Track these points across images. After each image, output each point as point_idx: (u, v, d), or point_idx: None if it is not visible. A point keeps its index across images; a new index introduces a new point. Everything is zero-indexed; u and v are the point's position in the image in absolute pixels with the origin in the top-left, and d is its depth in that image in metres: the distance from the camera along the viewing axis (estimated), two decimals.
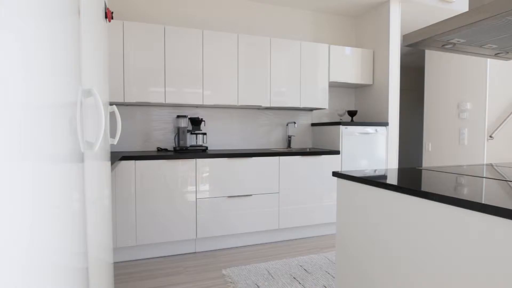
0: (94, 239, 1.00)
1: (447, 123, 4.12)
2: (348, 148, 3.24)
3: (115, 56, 2.68)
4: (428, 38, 1.40)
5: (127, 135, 3.03)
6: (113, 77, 2.69)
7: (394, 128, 3.48)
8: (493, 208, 0.83)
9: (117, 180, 2.47)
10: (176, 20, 3.19)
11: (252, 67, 3.12)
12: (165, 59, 2.82)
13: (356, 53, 3.56)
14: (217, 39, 2.99)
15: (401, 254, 1.14)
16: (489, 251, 0.85)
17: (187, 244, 2.74)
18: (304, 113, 3.73)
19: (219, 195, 2.78)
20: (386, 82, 3.48)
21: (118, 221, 2.49)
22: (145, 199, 2.55)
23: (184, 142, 3.01)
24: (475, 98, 3.78)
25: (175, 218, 2.64)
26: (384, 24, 3.50)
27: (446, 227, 0.97)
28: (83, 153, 0.85)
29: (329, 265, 2.46)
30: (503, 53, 1.68)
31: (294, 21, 3.66)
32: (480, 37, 1.39)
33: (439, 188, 1.07)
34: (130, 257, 2.59)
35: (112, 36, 2.66)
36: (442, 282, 0.98)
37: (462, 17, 1.26)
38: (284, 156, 2.99)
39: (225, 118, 3.38)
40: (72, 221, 0.70)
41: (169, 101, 2.85)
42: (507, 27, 1.27)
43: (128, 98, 2.74)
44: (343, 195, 1.46)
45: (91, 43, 1.00)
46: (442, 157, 4.20)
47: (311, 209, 3.11)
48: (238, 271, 2.35)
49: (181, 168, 2.65)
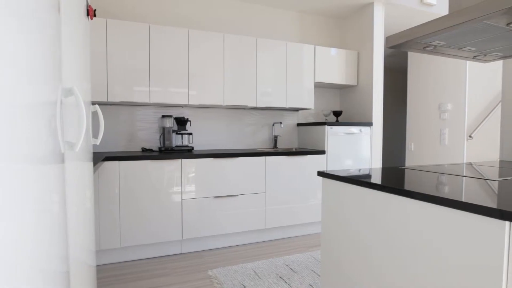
0: (75, 241, 0.98)
1: (429, 124, 4.22)
2: (333, 148, 3.28)
3: (98, 54, 2.62)
4: (410, 40, 1.44)
5: (110, 135, 2.97)
6: (96, 76, 2.63)
7: (378, 128, 3.55)
8: (472, 206, 0.85)
9: (101, 181, 2.42)
10: (161, 19, 3.15)
11: (238, 67, 3.12)
12: (150, 58, 2.79)
13: (341, 54, 3.61)
14: (203, 38, 2.97)
15: (385, 252, 1.16)
16: (470, 248, 0.87)
17: (173, 245, 2.71)
18: (290, 113, 3.75)
19: (205, 195, 2.76)
20: (370, 83, 3.54)
21: (101, 223, 2.44)
22: (129, 200, 2.51)
23: (169, 142, 2.98)
24: (455, 99, 3.89)
25: (161, 219, 2.61)
26: (368, 26, 3.56)
27: (428, 225, 0.99)
28: (64, 154, 0.83)
29: (315, 263, 2.48)
30: (481, 55, 1.73)
31: (280, 22, 3.68)
32: (459, 39, 1.44)
33: (421, 187, 1.10)
34: (114, 259, 2.54)
35: (95, 34, 2.61)
36: (424, 278, 1.01)
37: (442, 20, 1.29)
38: (270, 156, 3.00)
39: (211, 118, 3.36)
40: (52, 224, 0.68)
41: (154, 100, 2.82)
42: (485, 30, 1.32)
43: (111, 98, 2.69)
44: (328, 194, 1.47)
45: (72, 41, 0.97)
46: (424, 157, 4.30)
47: (297, 208, 3.13)
48: (224, 271, 2.34)
49: (166, 168, 2.62)
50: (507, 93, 2.28)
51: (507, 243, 0.79)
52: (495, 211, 0.79)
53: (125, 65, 2.71)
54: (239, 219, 2.89)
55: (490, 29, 1.30)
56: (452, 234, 0.91)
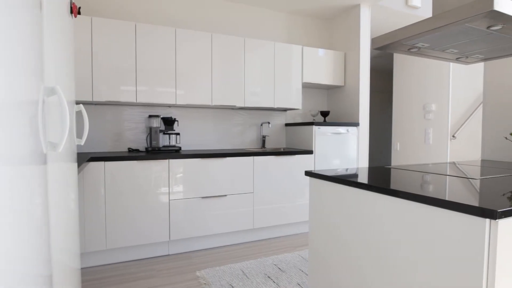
0: (59, 244, 0.96)
1: (414, 124, 4.31)
2: (321, 147, 3.31)
3: (83, 53, 2.57)
4: (395, 42, 1.46)
5: (96, 135, 2.92)
6: (81, 75, 2.58)
7: (365, 128, 3.59)
8: (454, 205, 0.87)
9: (85, 182, 2.38)
10: (148, 18, 3.12)
11: (226, 67, 3.11)
12: (137, 57, 2.75)
13: (328, 55, 3.64)
14: (191, 38, 2.95)
15: (372, 250, 1.17)
16: (454, 244, 0.89)
17: (160, 246, 2.68)
18: (278, 113, 3.76)
19: (193, 196, 2.74)
20: (357, 83, 3.58)
21: (87, 225, 2.39)
22: (115, 201, 2.47)
23: (156, 143, 2.95)
24: (439, 100, 3.98)
25: (147, 220, 2.58)
26: (355, 28, 3.61)
27: (413, 223, 1.01)
28: (46, 154, 0.81)
29: (303, 263, 2.50)
30: (463, 57, 1.78)
31: (268, 22, 3.69)
32: (442, 42, 1.47)
33: (407, 186, 1.12)
34: (100, 261, 2.50)
35: (80, 32, 2.55)
36: (411, 274, 1.02)
37: (425, 22, 1.32)
38: (259, 156, 3.00)
39: (199, 118, 3.34)
40: (34, 226, 0.67)
41: (140, 100, 2.78)
42: (466, 33, 1.35)
43: (97, 97, 2.64)
44: (315, 194, 1.49)
45: (55, 39, 0.95)
46: (409, 156, 4.38)
47: (285, 208, 3.14)
48: (212, 272, 2.33)
49: (153, 169, 2.59)
50: (488, 94, 2.35)
51: (487, 239, 0.81)
52: (477, 209, 0.82)
53: (110, 64, 2.67)
54: (227, 219, 2.89)
55: (471, 32, 1.34)
56: (437, 231, 0.93)
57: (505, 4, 1.13)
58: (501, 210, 0.78)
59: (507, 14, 1.14)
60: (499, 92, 2.27)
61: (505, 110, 2.23)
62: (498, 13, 1.13)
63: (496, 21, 1.20)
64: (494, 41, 1.46)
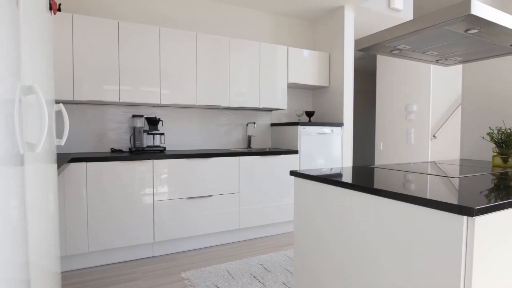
0: (37, 247, 0.93)
1: (396, 124, 4.40)
2: (306, 147, 3.33)
3: (63, 51, 2.50)
4: (377, 44, 1.49)
5: (78, 135, 2.85)
6: (62, 74, 2.51)
7: (349, 128, 3.65)
8: (434, 203, 0.90)
9: (66, 183, 2.32)
10: (132, 16, 3.06)
11: (211, 66, 3.09)
12: (120, 56, 2.70)
13: (313, 56, 3.68)
14: (175, 37, 2.92)
15: (356, 248, 1.19)
16: (434, 240, 0.92)
17: (144, 248, 2.64)
18: (264, 113, 3.77)
19: (178, 196, 2.71)
20: (341, 84, 3.63)
21: (67, 228, 2.33)
22: (98, 203, 2.41)
23: (140, 143, 2.90)
24: (420, 100, 4.08)
25: (131, 221, 2.53)
26: (339, 29, 3.65)
27: (396, 221, 1.03)
28: (23, 155, 0.78)
29: (288, 262, 2.51)
30: (442, 59, 1.83)
31: (254, 23, 3.69)
32: (422, 44, 1.51)
33: (390, 185, 1.14)
34: (82, 265, 2.44)
35: (60, 29, 2.49)
36: (393, 270, 1.05)
37: (407, 25, 1.35)
38: (244, 156, 3.00)
39: (184, 118, 3.31)
40: (9, 229, 0.64)
41: (124, 99, 2.73)
42: (446, 36, 1.39)
43: (78, 96, 2.57)
44: (300, 193, 1.50)
45: (33, 37, 0.92)
46: (392, 155, 4.48)
47: (271, 208, 3.15)
48: (197, 273, 2.31)
49: (137, 169, 2.54)
50: (466, 96, 2.43)
51: (465, 235, 0.84)
52: (455, 207, 0.84)
53: (93, 63, 2.61)
54: (213, 220, 2.87)
55: (450, 35, 1.38)
56: (418, 228, 0.96)
57: (481, 9, 1.17)
58: (478, 208, 0.81)
59: (484, 18, 1.18)
60: (477, 93, 2.34)
61: (482, 111, 2.31)
62: (475, 17, 1.17)
63: (473, 24, 1.24)
64: (471, 44, 1.51)
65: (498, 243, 0.91)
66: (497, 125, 2.22)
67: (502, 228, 0.92)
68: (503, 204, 0.88)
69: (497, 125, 2.22)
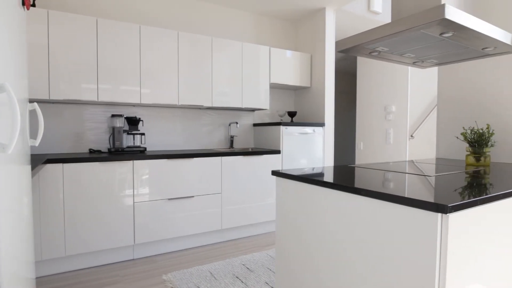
0: (9, 252, 0.89)
1: (376, 124, 4.50)
2: (288, 147, 3.36)
3: (38, 48, 2.42)
4: (357, 46, 1.52)
5: (54, 135, 2.75)
6: (36, 72, 2.42)
7: (330, 128, 3.70)
8: (410, 201, 0.92)
9: (42, 185, 2.23)
10: (111, 13, 2.99)
11: (193, 66, 3.06)
12: (98, 54, 2.63)
13: (295, 57, 3.71)
14: (156, 35, 2.87)
15: (337, 246, 1.21)
16: (411, 237, 0.94)
17: (124, 250, 2.59)
18: (246, 114, 3.77)
19: (159, 197, 2.67)
20: (323, 85, 3.68)
21: (43, 231, 2.25)
22: (75, 205, 2.34)
23: (120, 143, 2.84)
24: (399, 101, 4.19)
25: (110, 224, 2.47)
26: (321, 30, 3.70)
27: (375, 219, 1.06)
28: None
29: (271, 262, 2.52)
30: (419, 62, 1.89)
31: (236, 22, 3.68)
32: (400, 46, 1.55)
33: (369, 185, 1.16)
34: (58, 269, 2.36)
35: (35, 26, 2.40)
36: (372, 267, 1.07)
37: (384, 28, 1.38)
38: (227, 156, 2.99)
39: (165, 117, 3.26)
40: None
41: (102, 99, 2.66)
42: (422, 39, 1.44)
43: (55, 95, 2.49)
44: (281, 193, 1.51)
45: (4, 33, 0.88)
46: (372, 155, 4.58)
47: (254, 208, 3.16)
48: (179, 275, 2.29)
49: (116, 170, 2.49)
50: (441, 97, 2.51)
51: (439, 231, 0.87)
52: (430, 205, 0.87)
53: (70, 61, 2.53)
54: (195, 220, 2.84)
55: (426, 38, 1.43)
56: (396, 226, 0.98)
57: (455, 13, 1.21)
58: (451, 205, 0.84)
59: (457, 22, 1.22)
60: (451, 95, 2.43)
61: (456, 112, 2.40)
62: (449, 21, 1.21)
63: (447, 28, 1.29)
64: (446, 47, 1.57)
65: (470, 238, 0.95)
66: (471, 125, 2.31)
67: (474, 223, 0.96)
68: (474, 201, 0.91)
69: (471, 125, 2.31)
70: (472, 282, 0.97)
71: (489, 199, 0.97)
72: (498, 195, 1.01)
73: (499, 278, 1.10)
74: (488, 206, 1.02)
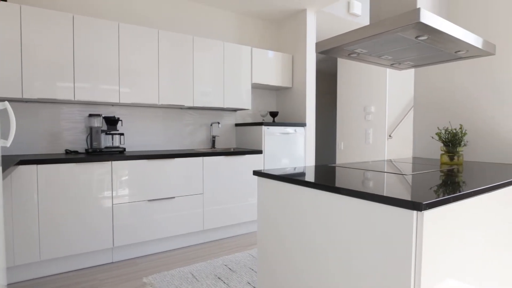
0: None
1: (356, 124, 4.59)
2: (270, 147, 3.37)
3: (10, 45, 2.32)
4: (336, 47, 1.55)
5: (28, 136, 2.65)
6: (8, 70, 2.32)
7: (311, 128, 3.75)
8: (387, 199, 0.95)
9: (14, 188, 2.14)
10: (88, 9, 2.91)
11: (174, 65, 3.02)
12: (74, 51, 2.55)
13: (277, 57, 3.73)
14: (136, 33, 2.81)
15: (317, 245, 1.22)
16: (389, 235, 0.97)
17: (103, 254, 2.52)
18: (228, 113, 3.76)
19: (139, 199, 2.62)
20: (304, 85, 3.72)
21: (16, 235, 2.16)
22: (50, 208, 2.26)
23: (98, 144, 2.76)
24: (377, 102, 4.29)
25: (88, 226, 2.40)
26: (302, 31, 3.74)
27: (354, 217, 1.08)
28: None
29: (253, 262, 2.52)
30: (396, 64, 1.94)
31: (218, 22, 3.66)
32: (378, 49, 1.59)
33: (349, 184, 1.18)
34: (33, 275, 2.27)
35: (6, 21, 2.30)
36: (351, 264, 1.09)
37: (363, 30, 1.42)
38: (208, 157, 2.97)
39: (146, 117, 3.20)
40: None
41: (79, 98, 2.59)
42: (398, 41, 1.48)
43: (28, 94, 2.39)
44: (263, 193, 1.51)
45: None
46: (352, 154, 4.67)
47: (236, 208, 3.15)
48: (160, 277, 2.25)
49: (94, 172, 2.42)
50: (418, 98, 2.60)
51: (415, 228, 0.90)
52: (406, 202, 0.90)
53: (44, 58, 2.44)
54: (176, 222, 2.81)
55: (402, 41, 1.47)
56: (375, 223, 1.01)
57: (429, 17, 1.25)
58: (426, 203, 0.87)
59: (431, 26, 1.26)
60: (427, 96, 2.52)
61: (432, 112, 2.49)
62: (424, 24, 1.25)
63: (422, 31, 1.33)
64: (422, 50, 1.62)
65: (445, 234, 0.99)
66: (445, 125, 2.40)
67: (448, 219, 1.00)
68: (447, 199, 0.95)
69: (445, 125, 2.40)
70: (446, 276, 1.01)
71: (462, 197, 1.02)
72: (469, 192, 1.05)
73: (472, 273, 1.15)
74: (461, 203, 1.06)
